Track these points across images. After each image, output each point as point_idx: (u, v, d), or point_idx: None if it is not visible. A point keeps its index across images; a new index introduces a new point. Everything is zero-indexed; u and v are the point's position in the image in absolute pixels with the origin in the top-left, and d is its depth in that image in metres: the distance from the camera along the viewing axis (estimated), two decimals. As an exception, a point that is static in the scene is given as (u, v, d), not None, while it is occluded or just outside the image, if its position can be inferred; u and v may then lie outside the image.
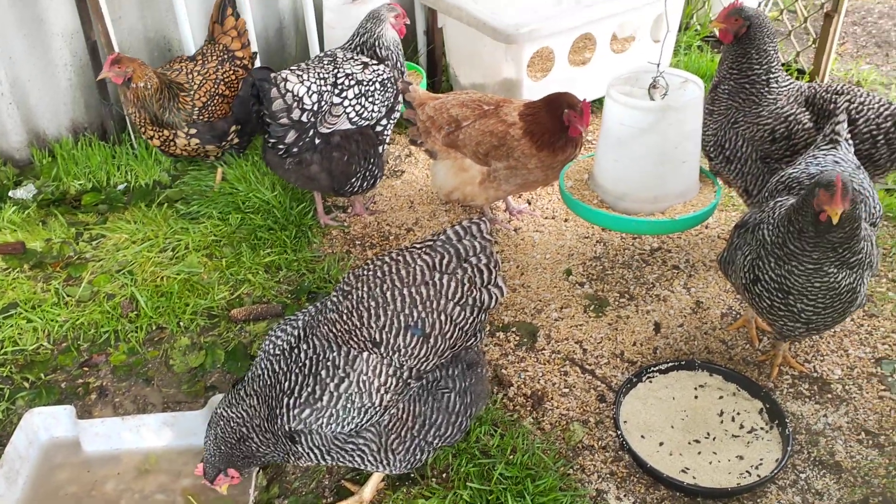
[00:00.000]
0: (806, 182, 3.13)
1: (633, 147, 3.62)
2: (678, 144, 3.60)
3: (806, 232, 2.81)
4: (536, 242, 4.26)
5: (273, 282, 3.93)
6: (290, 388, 2.52)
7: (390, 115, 4.12)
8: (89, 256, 4.12)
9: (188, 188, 4.56)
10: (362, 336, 2.50)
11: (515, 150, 3.82)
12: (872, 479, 3.01)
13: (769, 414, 3.19)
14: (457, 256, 2.52)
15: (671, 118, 3.54)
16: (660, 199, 3.70)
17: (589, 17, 4.74)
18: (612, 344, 3.61)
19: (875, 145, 3.55)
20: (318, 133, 3.83)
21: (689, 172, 3.74)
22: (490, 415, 3.20)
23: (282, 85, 3.66)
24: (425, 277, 2.50)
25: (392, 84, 4.08)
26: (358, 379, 2.49)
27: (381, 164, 4.13)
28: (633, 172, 3.67)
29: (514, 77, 4.76)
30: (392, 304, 2.48)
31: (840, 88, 3.64)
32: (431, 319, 2.49)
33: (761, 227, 3.03)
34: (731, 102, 3.71)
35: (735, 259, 3.19)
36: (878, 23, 6.52)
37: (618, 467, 3.07)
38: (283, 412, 2.53)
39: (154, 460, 3.09)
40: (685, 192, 3.75)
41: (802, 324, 3.02)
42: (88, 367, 3.53)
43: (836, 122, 3.31)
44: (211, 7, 5.00)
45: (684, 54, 5.79)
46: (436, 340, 2.51)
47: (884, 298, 3.81)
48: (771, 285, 2.97)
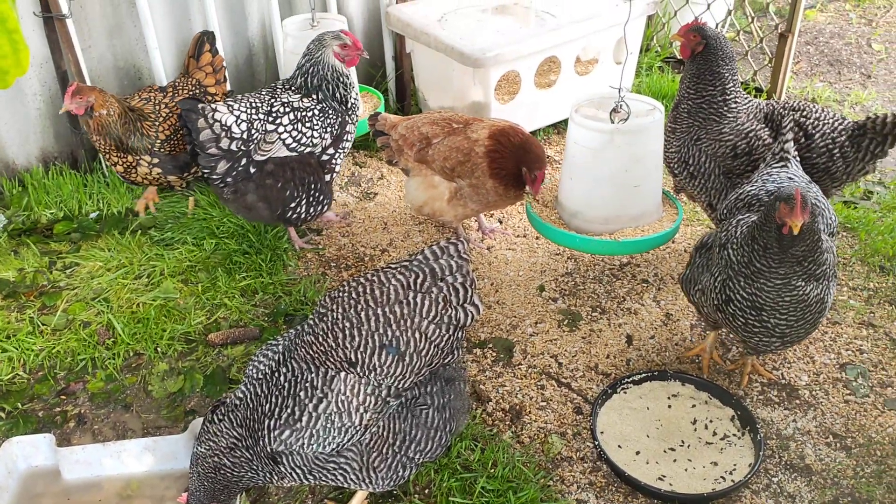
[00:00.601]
0: (765, 198, 3.23)
1: (585, 167, 3.73)
2: (628, 168, 3.70)
3: (770, 248, 2.91)
4: (509, 260, 4.34)
5: (249, 305, 3.96)
6: (271, 411, 2.55)
7: (338, 144, 4.09)
8: (63, 285, 4.10)
9: (161, 215, 4.57)
10: (338, 356, 2.54)
11: (478, 167, 3.91)
12: (841, 480, 3.10)
13: (741, 421, 3.28)
14: (432, 275, 2.57)
15: (619, 141, 3.65)
16: (610, 221, 3.80)
17: (553, 41, 4.87)
18: (587, 357, 3.69)
19: (832, 158, 3.70)
20: (253, 161, 3.86)
21: (644, 197, 3.83)
22: (470, 430, 3.25)
23: (209, 115, 3.73)
24: (399, 297, 2.54)
25: (335, 112, 4.05)
26: (336, 399, 2.52)
27: (327, 191, 4.12)
28: (585, 192, 3.79)
29: (483, 100, 4.86)
30: (366, 324, 2.52)
31: (796, 105, 3.79)
32: (406, 338, 2.53)
33: (727, 248, 3.11)
34: (692, 120, 3.84)
35: (700, 279, 3.28)
36: (829, 42, 6.77)
37: (596, 477, 3.13)
38: (265, 434, 2.56)
39: (136, 486, 3.08)
40: (639, 216, 3.84)
41: (777, 338, 3.11)
42: (66, 395, 3.52)
43: (785, 141, 3.43)
44: (183, 35, 5.06)
45: (646, 75, 5.96)
46: (412, 358, 2.55)
47: (846, 306, 3.94)
48: (743, 304, 3.05)
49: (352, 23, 5.54)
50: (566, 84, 5.20)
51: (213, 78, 4.61)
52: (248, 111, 3.83)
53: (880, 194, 4.83)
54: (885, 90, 6.05)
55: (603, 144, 3.66)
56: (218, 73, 4.63)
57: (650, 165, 3.80)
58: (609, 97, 3.84)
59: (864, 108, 5.81)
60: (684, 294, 3.46)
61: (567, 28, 4.91)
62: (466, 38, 4.82)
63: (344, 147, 4.14)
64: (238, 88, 5.34)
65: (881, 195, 4.82)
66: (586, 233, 3.82)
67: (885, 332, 3.79)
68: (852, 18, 7.19)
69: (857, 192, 4.86)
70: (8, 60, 1.43)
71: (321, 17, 4.89)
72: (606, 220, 3.81)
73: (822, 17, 7.25)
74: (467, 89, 4.89)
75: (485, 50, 4.65)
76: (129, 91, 5.00)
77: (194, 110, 3.71)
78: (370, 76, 5.70)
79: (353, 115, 4.18)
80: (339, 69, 4.04)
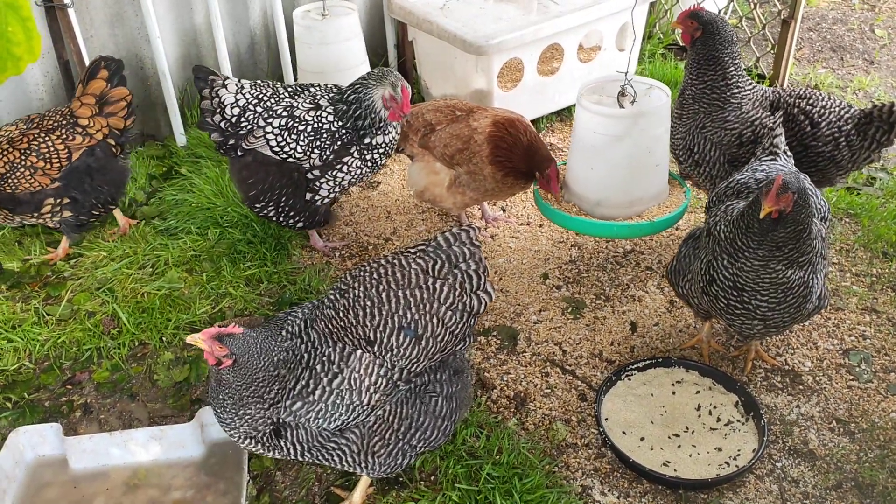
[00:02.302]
0: (753, 187, 3.27)
1: (608, 154, 3.73)
2: (650, 149, 3.72)
3: (751, 228, 2.93)
4: (513, 248, 4.34)
5: (254, 294, 3.96)
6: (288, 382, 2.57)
7: (328, 170, 3.84)
8: (68, 275, 4.11)
9: (165, 205, 4.57)
10: (358, 333, 2.57)
11: (476, 154, 3.91)
12: (845, 465, 3.12)
13: (744, 406, 3.30)
14: (448, 262, 2.61)
15: (642, 124, 3.65)
16: (635, 203, 3.81)
17: (556, 28, 4.86)
18: (591, 344, 3.70)
19: (837, 147, 3.70)
20: (240, 146, 3.86)
21: (661, 175, 3.86)
22: (475, 417, 3.26)
23: (216, 88, 3.79)
24: (419, 281, 2.58)
25: (333, 139, 3.78)
26: (350, 376, 2.55)
27: (304, 210, 3.96)
28: (609, 178, 3.78)
29: (485, 88, 4.85)
30: (387, 305, 2.56)
31: (802, 93, 3.79)
32: (424, 322, 2.57)
33: (719, 224, 3.14)
34: (697, 107, 3.83)
35: (689, 268, 3.30)
36: (832, 28, 6.74)
37: (601, 463, 3.15)
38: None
39: (143, 475, 3.10)
40: (658, 194, 3.87)
41: (759, 320, 3.12)
42: (72, 385, 3.53)
43: (774, 136, 3.46)
44: (185, 25, 5.06)
45: (649, 62, 5.94)
46: (427, 343, 2.59)
47: (849, 292, 3.94)
48: (726, 284, 3.07)
49: (353, 11, 5.52)
50: (569, 71, 5.19)
51: (90, 109, 4.04)
52: (251, 100, 3.82)
53: (883, 180, 4.83)
54: (887, 76, 6.03)
55: (626, 130, 3.66)
56: (109, 105, 4.08)
57: (665, 143, 3.86)
58: (607, 82, 3.86)
59: (867, 94, 5.80)
60: (671, 287, 3.48)
61: (570, 15, 4.90)
62: (469, 25, 4.80)
63: (336, 176, 3.86)
64: (240, 77, 5.30)
65: (884, 181, 4.81)
66: (612, 219, 3.82)
67: (888, 318, 3.80)
68: (855, 4, 7.16)
69: (860, 179, 4.85)
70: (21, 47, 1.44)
71: (331, 5, 4.87)
72: (632, 203, 3.82)
73: (824, 2, 7.22)
74: (470, 77, 4.88)
75: (487, 37, 4.63)
76: (131, 81, 5.00)
77: (204, 79, 3.79)
78: (372, 64, 5.68)
79: (365, 154, 3.85)
80: (378, 111, 3.77)
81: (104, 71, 4.08)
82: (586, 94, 3.88)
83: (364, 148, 3.82)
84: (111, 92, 4.10)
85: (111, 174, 4.11)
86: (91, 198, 4.07)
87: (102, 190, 4.09)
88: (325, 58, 4.58)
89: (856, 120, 3.69)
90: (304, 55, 4.54)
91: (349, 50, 4.57)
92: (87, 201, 4.07)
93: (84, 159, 4.00)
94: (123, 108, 4.13)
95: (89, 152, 4.00)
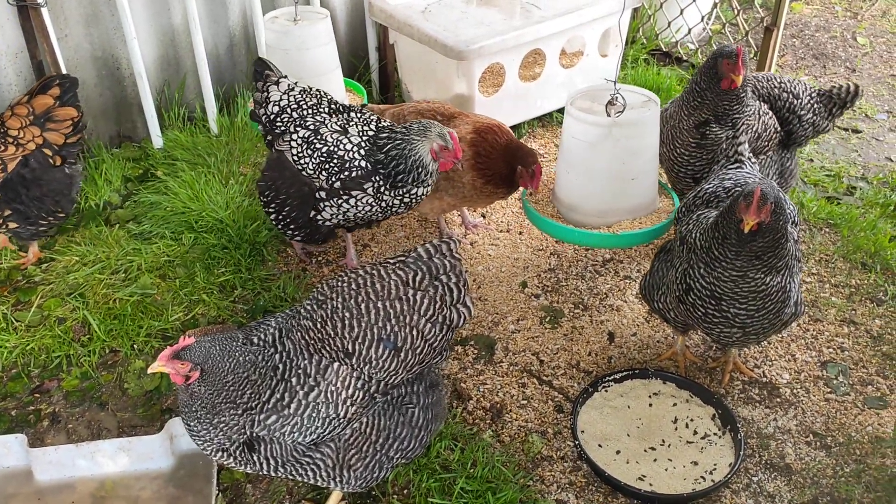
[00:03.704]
0: (723, 196, 3.27)
1: (583, 160, 3.70)
2: (625, 161, 3.68)
3: (728, 239, 2.91)
4: (492, 256, 4.30)
5: (228, 301, 3.90)
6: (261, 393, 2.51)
7: (333, 197, 3.67)
8: (38, 280, 4.04)
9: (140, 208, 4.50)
10: (335, 346, 2.53)
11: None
12: (821, 479, 3.10)
13: (721, 419, 3.27)
14: (429, 274, 2.57)
15: (618, 134, 3.62)
16: (607, 214, 3.78)
17: (538, 34, 4.82)
18: (568, 354, 3.67)
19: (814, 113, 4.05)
20: (274, 146, 3.83)
21: (641, 190, 3.82)
22: (450, 429, 3.22)
23: (269, 84, 3.79)
24: (399, 293, 2.55)
25: (343, 167, 3.60)
26: (327, 389, 2.50)
27: (306, 226, 3.84)
28: (582, 185, 3.75)
29: (467, 93, 4.81)
30: (366, 316, 2.52)
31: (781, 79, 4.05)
32: (403, 334, 2.54)
33: (693, 232, 3.11)
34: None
35: (663, 280, 3.29)
36: (814, 35, 6.75)
37: (576, 477, 3.12)
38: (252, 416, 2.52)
39: (110, 487, 3.04)
40: (636, 208, 3.82)
41: (739, 328, 3.10)
42: (40, 394, 3.46)
43: (738, 144, 3.51)
44: (163, 24, 4.99)
45: (631, 68, 5.92)
46: (406, 355, 2.56)
47: (828, 303, 3.93)
48: (703, 293, 3.05)
49: (335, 13, 5.47)
50: (551, 76, 5.15)
51: (21, 121, 3.86)
52: (292, 104, 3.74)
53: (863, 190, 4.83)
54: (869, 84, 6.03)
55: (599, 138, 3.63)
56: (49, 121, 3.92)
57: (647, 158, 3.79)
58: (604, 89, 3.82)
59: (849, 102, 5.80)
60: (647, 303, 3.46)
61: (552, 20, 4.86)
62: (450, 29, 4.76)
63: (340, 205, 3.69)
64: (218, 79, 5.27)
65: (864, 191, 4.81)
66: (583, 226, 3.79)
67: (866, 330, 3.79)
68: (838, 12, 7.18)
69: (840, 188, 4.85)
70: None
71: (303, 10, 4.80)
72: (602, 213, 3.78)
73: (807, 9, 7.23)
74: (451, 81, 4.84)
75: (468, 42, 4.59)
76: (106, 81, 4.93)
77: (261, 73, 3.82)
78: (353, 67, 5.64)
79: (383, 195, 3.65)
80: (424, 163, 3.59)
81: (56, 89, 3.95)
82: (579, 100, 3.85)
83: (387, 191, 3.65)
84: (57, 111, 3.95)
85: (51, 184, 3.94)
86: (33, 209, 3.92)
87: (44, 200, 3.94)
88: (299, 64, 4.50)
89: (819, 96, 4.09)
90: (278, 61, 4.48)
91: (325, 55, 4.51)
92: (30, 212, 3.92)
93: (18, 170, 3.84)
94: (68, 127, 3.97)
95: (23, 163, 3.85)
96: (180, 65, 5.18)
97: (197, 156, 4.83)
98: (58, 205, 4.00)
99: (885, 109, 5.72)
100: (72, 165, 4.04)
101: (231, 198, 4.42)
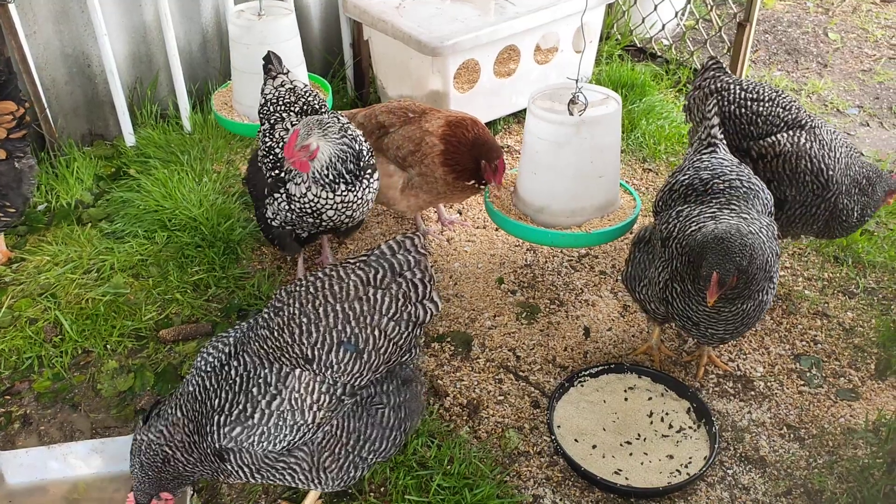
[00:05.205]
0: (699, 188, 3.22)
1: (550, 160, 3.69)
2: (594, 159, 3.67)
3: (699, 292, 2.98)
4: (469, 252, 4.30)
5: (202, 300, 3.87)
6: (221, 406, 2.49)
7: (270, 195, 3.61)
8: (9, 280, 3.98)
9: (112, 207, 4.45)
10: (294, 353, 2.48)
11: (427, 156, 3.86)
12: (794, 471, 3.13)
13: (696, 413, 3.30)
14: (391, 271, 2.52)
15: (585, 133, 3.61)
16: (577, 213, 3.77)
17: (512, 30, 4.82)
18: (545, 350, 3.67)
19: None
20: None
21: (607, 186, 3.82)
22: (427, 426, 3.22)
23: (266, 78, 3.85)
24: (359, 293, 2.49)
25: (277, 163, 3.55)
26: (290, 396, 2.47)
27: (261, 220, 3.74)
28: (551, 186, 3.74)
29: (441, 89, 4.80)
30: (324, 320, 2.47)
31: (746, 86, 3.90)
32: (365, 335, 2.49)
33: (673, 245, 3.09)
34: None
35: (644, 275, 3.29)
36: (787, 31, 6.81)
37: (553, 472, 3.12)
38: (214, 430, 2.49)
39: (83, 489, 3.00)
40: (603, 206, 3.82)
41: (718, 339, 3.18)
42: (11, 396, 3.41)
43: (711, 126, 3.44)
44: (134, 21, 4.92)
45: (606, 63, 5.94)
46: (369, 356, 2.51)
47: (801, 297, 3.97)
48: (681, 313, 3.11)
49: (308, 8, 5.44)
50: (526, 73, 5.15)
51: None
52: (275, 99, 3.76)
53: (835, 184, 4.87)
54: (840, 79, 6.10)
55: (568, 137, 3.62)
56: None
57: (613, 154, 3.79)
58: (562, 88, 3.81)
59: (821, 97, 5.86)
60: (629, 293, 3.46)
61: (527, 16, 4.86)
62: (424, 26, 4.74)
63: (272, 203, 3.60)
64: (191, 76, 5.21)
65: (836, 185, 4.85)
66: (553, 227, 3.78)
67: (839, 322, 3.83)
68: (809, 7, 7.24)
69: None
70: None
71: (269, 5, 4.75)
72: (573, 212, 3.78)
73: (780, 5, 7.29)
74: (426, 78, 4.82)
75: (443, 38, 4.58)
76: (77, 79, 4.86)
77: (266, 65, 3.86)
78: (328, 63, 5.61)
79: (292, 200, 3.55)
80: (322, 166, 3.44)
81: None
82: (539, 100, 3.84)
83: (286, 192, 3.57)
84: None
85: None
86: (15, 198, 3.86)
87: None
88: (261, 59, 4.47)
89: None
90: (241, 55, 4.42)
91: (287, 51, 4.46)
92: (15, 202, 3.87)
93: None
94: (10, 122, 3.86)
95: None
96: (152, 62, 5.13)
97: (170, 153, 4.78)
98: (5, 198, 3.89)
99: (856, 104, 5.79)
100: (20, 160, 3.94)
101: (205, 196, 4.38)
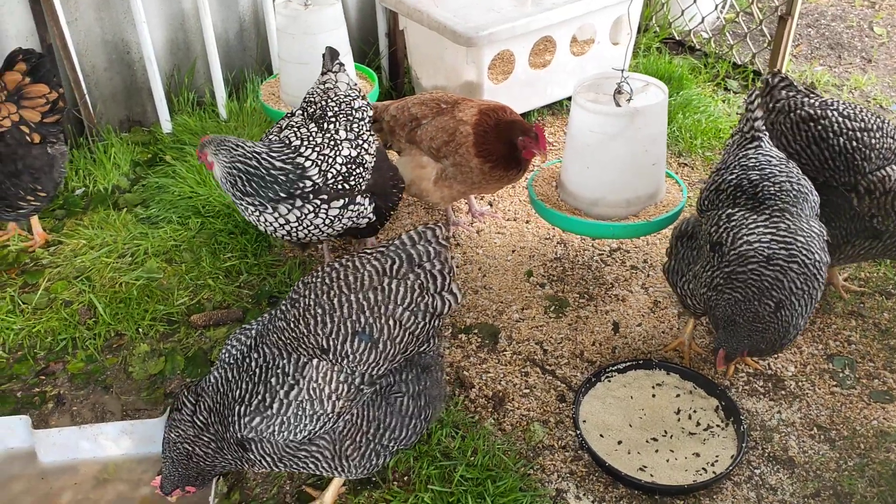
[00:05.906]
0: (749, 189, 3.13)
1: (604, 153, 3.66)
2: (647, 148, 3.65)
3: None
4: (498, 244, 4.29)
5: (234, 286, 3.91)
6: (241, 396, 2.52)
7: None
8: (46, 263, 4.06)
9: (148, 193, 4.52)
10: (310, 343, 2.50)
11: (462, 145, 3.85)
12: (824, 472, 3.08)
13: (725, 411, 3.25)
14: (408, 261, 2.52)
15: (639, 122, 3.58)
16: (632, 203, 3.75)
17: (549, 21, 4.78)
18: (572, 344, 3.65)
19: None
20: None
21: (658, 174, 3.80)
22: (451, 417, 3.22)
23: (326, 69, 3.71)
24: (374, 282, 2.49)
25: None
26: (308, 386, 2.48)
27: None
28: (605, 178, 3.71)
29: (476, 80, 4.78)
30: (339, 311, 2.48)
31: None
32: (380, 325, 2.48)
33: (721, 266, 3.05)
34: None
35: (688, 269, 3.25)
36: (830, 25, 6.66)
37: (577, 466, 3.11)
38: (235, 420, 2.52)
39: (113, 469, 3.06)
40: (655, 193, 3.80)
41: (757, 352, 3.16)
42: (45, 376, 3.49)
43: (754, 119, 3.32)
44: (172, 9, 4.98)
45: (643, 56, 5.87)
46: (385, 346, 2.51)
47: (835, 296, 3.89)
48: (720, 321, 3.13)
49: (344, -2, 5.45)
50: (562, 65, 5.11)
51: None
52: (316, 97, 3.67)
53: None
54: (885, 75, 5.95)
55: (621, 128, 3.59)
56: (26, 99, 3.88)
57: (662, 143, 3.78)
58: (601, 79, 3.78)
59: (864, 93, 5.73)
60: (670, 286, 3.42)
61: (563, 7, 4.81)
62: (459, 16, 4.72)
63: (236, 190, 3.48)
64: (228, 64, 5.26)
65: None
66: (608, 219, 3.76)
67: (874, 323, 3.75)
68: (855, 1, 7.07)
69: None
70: None
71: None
72: (629, 202, 3.75)
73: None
74: (460, 68, 4.81)
75: (478, 29, 4.56)
76: (116, 66, 4.94)
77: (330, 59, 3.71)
78: (363, 53, 5.62)
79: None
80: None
81: (21, 64, 3.88)
82: (582, 92, 3.80)
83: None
84: (29, 87, 3.89)
85: (28, 161, 3.86)
86: (9, 186, 3.86)
87: (21, 177, 3.87)
88: (311, 48, 4.48)
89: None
90: (287, 45, 4.45)
91: (333, 41, 4.48)
92: (7, 190, 3.88)
93: None
94: (43, 105, 3.91)
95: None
96: (190, 49, 5.18)
97: (205, 141, 4.83)
98: (37, 182, 3.92)
99: (900, 100, 5.65)
100: (53, 145, 3.99)
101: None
